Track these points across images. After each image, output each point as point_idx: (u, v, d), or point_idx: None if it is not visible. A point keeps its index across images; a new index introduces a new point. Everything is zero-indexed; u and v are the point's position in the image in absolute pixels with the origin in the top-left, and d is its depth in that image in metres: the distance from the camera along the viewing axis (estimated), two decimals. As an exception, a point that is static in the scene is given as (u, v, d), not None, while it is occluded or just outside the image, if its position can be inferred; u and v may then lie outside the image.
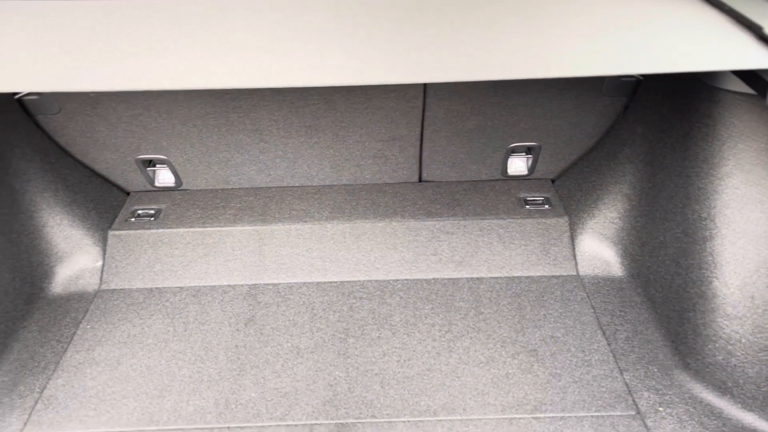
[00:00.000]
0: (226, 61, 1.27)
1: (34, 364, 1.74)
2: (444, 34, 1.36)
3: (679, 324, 1.68)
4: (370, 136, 2.08)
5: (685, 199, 1.68)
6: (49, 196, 1.99)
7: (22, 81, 1.26)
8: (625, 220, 1.98)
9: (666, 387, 1.62)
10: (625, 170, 1.98)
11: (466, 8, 1.51)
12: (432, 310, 1.89)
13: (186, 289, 2.00)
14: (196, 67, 1.26)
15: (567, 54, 1.29)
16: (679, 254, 1.70)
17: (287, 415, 1.58)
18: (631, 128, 1.98)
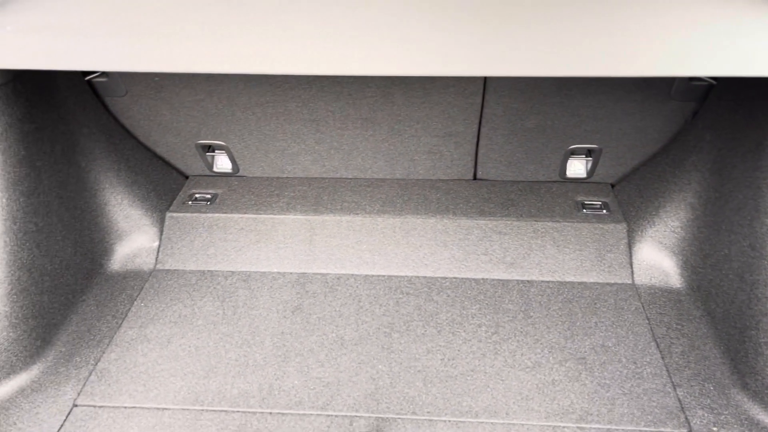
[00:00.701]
0: (287, 48, 1.27)
1: (90, 337, 1.81)
2: (508, 27, 1.33)
3: (740, 342, 1.60)
4: (426, 131, 2.06)
5: (754, 212, 1.59)
6: (112, 176, 2.06)
7: (91, 60, 1.30)
8: (688, 230, 1.90)
9: (722, 406, 1.55)
10: (690, 178, 1.90)
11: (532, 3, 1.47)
12: (479, 311, 1.86)
13: (237, 273, 2.03)
14: (256, 52, 1.27)
15: (636, 53, 1.24)
16: (744, 269, 1.62)
17: (328, 405, 1.59)
18: (700, 135, 1.89)
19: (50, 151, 1.80)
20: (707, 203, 1.83)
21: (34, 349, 1.70)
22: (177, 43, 1.30)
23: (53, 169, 1.81)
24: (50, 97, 1.81)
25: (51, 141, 1.81)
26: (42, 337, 1.73)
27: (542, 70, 1.20)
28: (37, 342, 1.71)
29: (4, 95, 1.61)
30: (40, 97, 1.77)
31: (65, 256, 1.85)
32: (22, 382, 1.66)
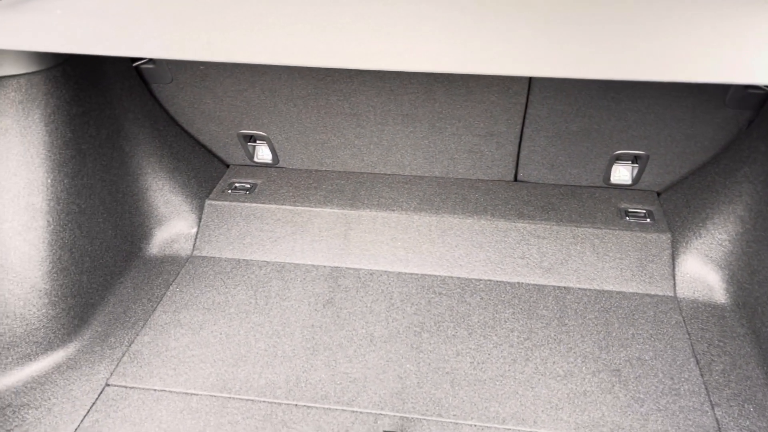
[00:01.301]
0: (329, 42, 1.26)
1: (125, 318, 1.84)
2: (555, 27, 1.29)
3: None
4: (467, 130, 2.03)
5: None
6: (155, 161, 2.09)
7: (138, 47, 1.31)
8: (736, 244, 1.82)
9: (761, 429, 1.48)
10: (741, 190, 1.82)
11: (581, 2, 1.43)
12: (513, 315, 1.82)
13: (271, 264, 2.04)
14: (298, 45, 1.26)
15: (690, 58, 1.18)
16: None
17: (354, 402, 1.58)
18: (754, 145, 1.81)
19: (96, 135, 1.84)
20: (758, 217, 1.75)
21: (72, 327, 1.74)
22: (221, 33, 1.30)
23: (98, 153, 1.85)
24: (98, 81, 1.85)
25: (97, 125, 1.84)
26: (80, 315, 1.77)
27: (590, 72, 1.15)
28: (74, 320, 1.75)
29: (53, 78, 1.65)
30: (88, 81, 1.80)
31: (106, 238, 1.89)
32: (59, 358, 1.70)
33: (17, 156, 1.61)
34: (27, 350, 1.67)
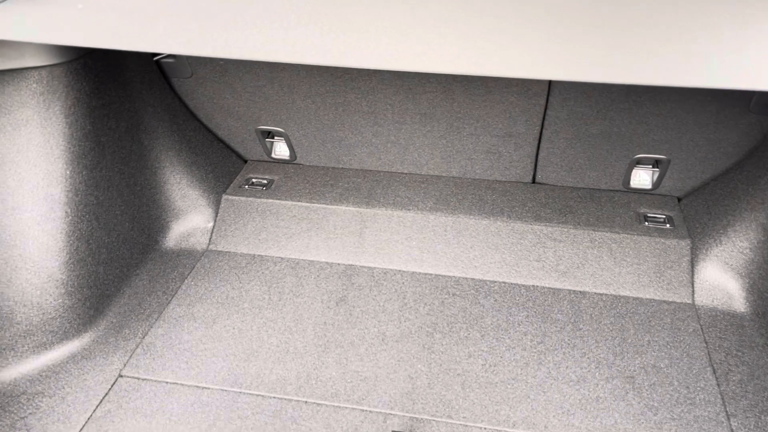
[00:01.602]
0: (346, 41, 1.26)
1: (140, 311, 1.86)
2: (575, 30, 1.27)
3: None
4: (485, 130, 2.01)
5: None
6: (173, 155, 2.10)
7: (159, 43, 1.32)
8: (757, 252, 1.79)
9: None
10: (764, 197, 1.79)
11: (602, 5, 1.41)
12: (526, 318, 1.81)
13: (286, 260, 2.04)
14: (315, 43, 1.26)
15: (713, 62, 1.16)
16: None
17: (364, 400, 1.58)
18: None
19: (115, 127, 1.85)
20: None
21: (87, 318, 1.76)
22: (239, 30, 1.30)
23: (117, 145, 1.87)
24: (119, 74, 1.86)
25: (116, 117, 1.86)
26: (95, 306, 1.79)
27: (609, 76, 1.13)
28: (90, 311, 1.77)
29: (74, 71, 1.66)
30: (109, 75, 1.82)
31: (123, 230, 1.91)
32: (74, 348, 1.72)
33: (37, 147, 1.63)
34: (43, 339, 1.69)
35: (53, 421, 1.54)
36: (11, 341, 1.65)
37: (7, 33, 1.26)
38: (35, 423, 1.53)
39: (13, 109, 1.59)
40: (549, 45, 1.21)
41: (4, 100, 1.58)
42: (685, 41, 1.22)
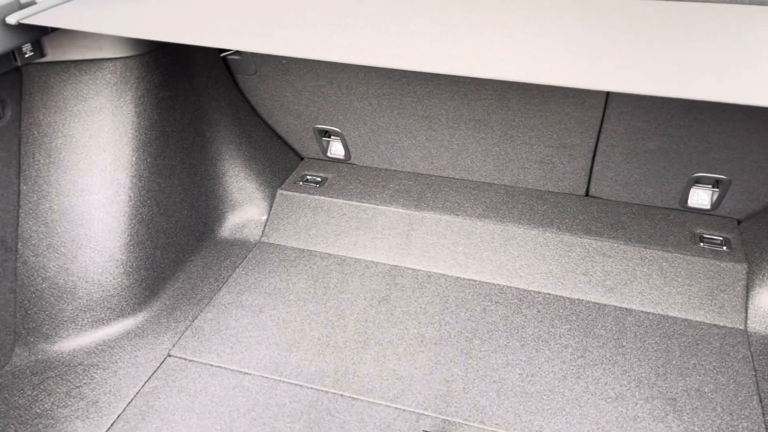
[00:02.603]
0: (406, 45, 1.29)
1: (192, 295, 1.94)
2: (641, 42, 1.27)
3: None
4: (539, 140, 2.00)
5: None
6: (233, 148, 2.18)
7: (225, 39, 1.38)
8: (818, 282, 1.72)
9: (826, 481, 1.39)
10: (828, 224, 1.72)
11: (668, 18, 1.39)
12: (568, 331, 1.79)
13: (333, 256, 2.09)
14: (375, 46, 1.29)
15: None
16: None
17: (398, 399, 1.60)
18: None
19: (180, 119, 1.94)
20: None
21: (142, 298, 1.85)
22: (300, 29, 1.36)
23: (180, 136, 1.96)
24: (186, 69, 1.96)
25: (182, 109, 1.95)
26: (150, 288, 1.88)
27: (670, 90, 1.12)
28: (145, 292, 1.86)
29: (145, 63, 1.76)
30: (177, 68, 1.91)
31: (181, 217, 2.00)
32: (128, 325, 1.81)
33: (107, 133, 1.73)
34: (101, 315, 1.79)
35: (105, 392, 1.63)
36: (72, 314, 1.76)
37: (90, 26, 1.35)
38: (88, 392, 1.62)
39: (88, 97, 1.69)
40: (609, 56, 1.21)
41: (80, 88, 1.69)
42: (749, 59, 1.19)
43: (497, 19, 1.41)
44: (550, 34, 1.32)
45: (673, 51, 1.22)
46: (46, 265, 1.73)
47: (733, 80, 1.13)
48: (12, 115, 1.62)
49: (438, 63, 1.23)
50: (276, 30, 1.37)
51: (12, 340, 1.71)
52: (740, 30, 1.34)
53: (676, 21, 1.38)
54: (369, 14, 1.45)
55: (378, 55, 1.26)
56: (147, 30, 1.38)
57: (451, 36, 1.33)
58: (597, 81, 1.15)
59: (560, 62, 1.19)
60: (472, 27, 1.37)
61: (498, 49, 1.26)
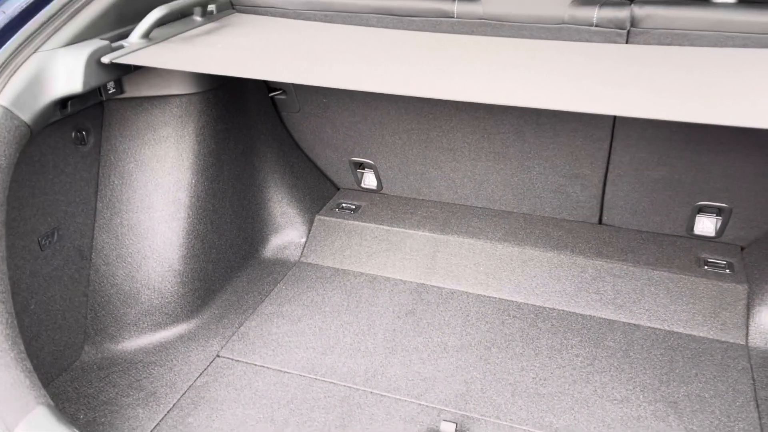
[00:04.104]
0: (429, 79, 1.52)
1: (238, 306, 2.16)
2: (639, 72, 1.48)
3: None
4: (553, 170, 2.21)
5: None
6: (278, 177, 2.44)
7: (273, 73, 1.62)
8: (812, 299, 1.86)
9: (815, 476, 1.51)
10: (819, 246, 1.87)
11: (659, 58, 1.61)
12: (579, 343, 1.95)
13: (365, 275, 2.30)
14: (403, 79, 1.53)
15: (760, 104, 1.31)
16: None
17: (422, 396, 1.77)
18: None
19: (233, 149, 2.21)
20: None
21: (195, 306, 2.08)
22: (340, 66, 1.61)
23: (233, 164, 2.22)
24: (240, 106, 2.23)
25: (235, 141, 2.22)
26: (202, 297, 2.11)
27: (666, 113, 1.30)
28: (198, 300, 2.09)
29: (206, 100, 2.03)
30: (232, 105, 2.18)
31: (230, 236, 2.24)
32: (182, 330, 2.04)
33: (172, 159, 2.00)
34: (159, 319, 2.01)
35: (162, 385, 1.84)
36: (135, 318, 1.99)
37: (165, 64, 1.62)
38: (147, 385, 1.84)
39: (157, 127, 1.97)
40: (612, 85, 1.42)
41: (151, 120, 1.97)
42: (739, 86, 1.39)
43: (507, 59, 1.64)
44: (555, 71, 1.54)
45: (663, 83, 1.43)
46: (115, 273, 1.97)
47: (722, 107, 1.32)
48: (94, 142, 1.90)
49: (457, 92, 1.45)
50: (315, 66, 1.62)
51: (82, 339, 1.95)
52: (729, 67, 1.54)
53: (663, 60, 1.60)
54: (398, 56, 1.70)
55: (406, 86, 1.49)
56: (210, 67, 1.64)
57: (469, 71, 1.56)
58: (600, 107, 1.35)
59: (567, 92, 1.41)
60: (489, 65, 1.60)
61: (512, 81, 1.48)
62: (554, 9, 1.78)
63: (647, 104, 1.33)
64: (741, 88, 1.40)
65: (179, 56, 1.66)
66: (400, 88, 1.48)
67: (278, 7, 2.09)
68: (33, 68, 1.51)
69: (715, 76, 1.48)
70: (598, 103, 1.36)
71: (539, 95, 1.40)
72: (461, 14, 1.88)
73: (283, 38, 1.87)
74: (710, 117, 1.26)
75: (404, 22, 1.95)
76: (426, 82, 1.50)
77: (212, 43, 1.79)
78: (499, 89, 1.45)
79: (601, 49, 1.70)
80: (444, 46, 1.78)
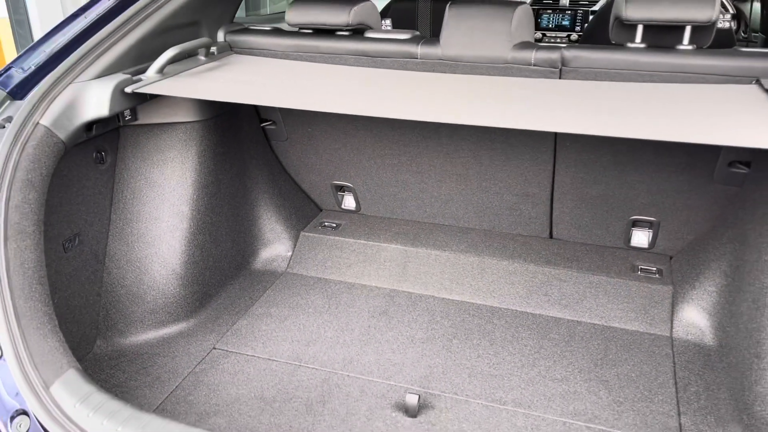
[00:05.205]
0: (400, 104, 1.86)
1: (231, 308, 2.44)
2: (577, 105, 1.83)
3: (740, 381, 1.87)
4: (507, 190, 2.55)
5: (760, 274, 1.90)
6: (267, 197, 2.75)
7: (269, 99, 1.94)
8: (722, 295, 2.19)
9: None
10: (725, 250, 2.21)
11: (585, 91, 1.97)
12: (528, 335, 2.26)
13: (344, 282, 2.60)
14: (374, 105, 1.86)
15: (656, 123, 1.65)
16: (749, 321, 1.90)
17: (391, 378, 2.06)
18: (736, 213, 2.21)
19: (229, 170, 2.53)
20: (736, 272, 2.13)
21: (194, 307, 2.36)
22: (322, 94, 1.94)
23: (229, 183, 2.53)
24: (236, 133, 2.56)
25: (231, 163, 2.54)
26: (200, 299, 2.39)
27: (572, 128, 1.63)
28: (196, 302, 2.37)
29: (207, 127, 2.36)
30: (229, 133, 2.51)
31: (225, 247, 2.54)
32: (182, 327, 2.31)
33: (177, 177, 2.31)
34: (162, 317, 2.29)
35: (165, 372, 2.11)
36: (141, 316, 2.27)
37: (176, 92, 1.95)
38: (153, 371, 2.11)
39: (165, 149, 2.28)
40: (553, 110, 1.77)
41: (160, 143, 2.29)
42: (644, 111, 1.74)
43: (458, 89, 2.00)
44: (502, 99, 1.89)
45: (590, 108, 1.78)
46: (125, 276, 2.26)
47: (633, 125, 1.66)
48: (111, 161, 2.21)
49: (421, 114, 1.78)
50: (303, 95, 1.96)
51: (95, 333, 2.22)
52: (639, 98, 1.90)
53: (588, 92, 1.96)
54: (371, 87, 2.05)
55: (378, 110, 1.81)
56: (213, 95, 1.97)
57: (431, 99, 1.91)
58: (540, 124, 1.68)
59: (512, 114, 1.75)
60: (447, 95, 1.95)
61: (467, 107, 1.82)
62: (500, 51, 2.15)
63: (576, 124, 1.68)
64: (648, 112, 1.76)
65: (187, 87, 1.99)
66: (374, 111, 1.81)
67: (269, 49, 2.45)
68: (70, 95, 1.84)
69: (630, 104, 1.84)
70: (538, 122, 1.70)
71: (489, 117, 1.75)
72: (424, 56, 2.25)
73: (273, 73, 2.22)
74: (625, 132, 1.60)
75: (377, 61, 2.31)
76: (396, 107, 1.85)
77: (214, 77, 2.13)
78: (456, 113, 1.79)
79: (539, 83, 2.07)
80: (410, 80, 2.13)
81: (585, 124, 1.67)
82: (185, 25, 2.25)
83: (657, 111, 1.76)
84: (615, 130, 1.62)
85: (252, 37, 2.47)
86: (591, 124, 1.67)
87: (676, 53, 2.03)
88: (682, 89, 1.95)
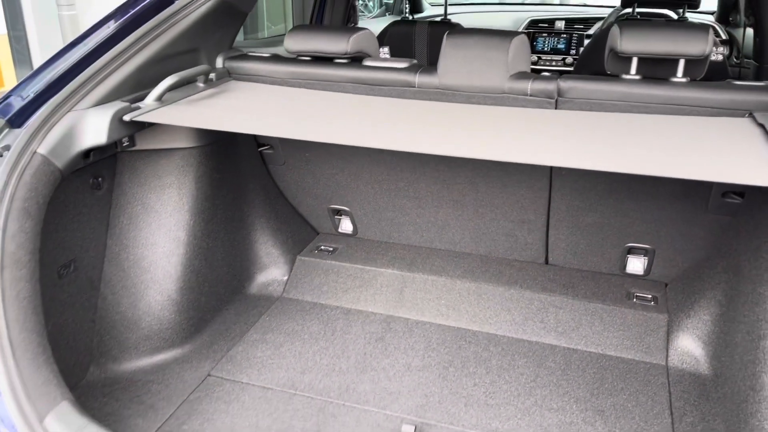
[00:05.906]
0: (397, 135, 1.87)
1: (226, 334, 2.44)
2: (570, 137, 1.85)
3: (736, 414, 1.87)
4: (503, 216, 2.56)
5: (754, 306, 1.90)
6: (264, 221, 2.75)
7: (265, 128, 1.95)
8: (717, 324, 2.19)
9: (713, 467, 1.81)
10: (720, 279, 2.22)
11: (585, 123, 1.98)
12: (525, 363, 2.26)
13: (340, 308, 2.59)
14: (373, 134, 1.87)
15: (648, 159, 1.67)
16: (744, 353, 1.91)
17: (387, 407, 2.05)
18: (730, 243, 2.22)
19: (226, 195, 2.53)
20: (731, 302, 2.13)
21: (188, 333, 2.35)
22: (320, 124, 1.95)
23: (226, 208, 2.54)
24: (233, 159, 2.57)
25: (228, 188, 2.54)
26: (195, 325, 2.38)
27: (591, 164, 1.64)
28: (191, 328, 2.37)
29: (204, 153, 2.37)
30: (227, 158, 2.52)
31: (221, 273, 2.53)
32: (177, 353, 2.30)
33: (174, 202, 2.31)
34: (157, 343, 2.28)
35: (159, 399, 2.09)
36: (136, 342, 2.26)
37: (173, 121, 1.95)
38: (146, 399, 2.09)
39: (163, 175, 2.29)
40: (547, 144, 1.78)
41: (157, 169, 2.29)
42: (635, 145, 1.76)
43: (463, 121, 2.01)
44: (498, 130, 1.91)
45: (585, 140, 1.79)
46: (120, 302, 2.25)
47: (628, 158, 1.67)
48: (107, 187, 2.21)
49: (419, 146, 1.79)
50: (301, 124, 1.97)
51: (88, 360, 2.20)
52: (634, 129, 1.91)
53: (584, 123, 1.97)
54: (370, 116, 2.06)
55: (377, 140, 1.83)
56: (211, 123, 1.98)
57: (428, 129, 1.92)
58: (536, 158, 1.69)
59: (508, 146, 1.76)
60: (444, 125, 1.97)
61: (463, 137, 1.83)
62: (496, 82, 2.17)
63: (572, 157, 1.69)
64: (643, 146, 1.77)
65: (186, 115, 2.00)
66: (372, 141, 1.82)
67: (268, 76, 2.46)
68: (68, 124, 1.84)
69: (624, 137, 1.85)
70: (534, 156, 1.71)
71: (486, 148, 1.76)
72: (421, 84, 2.26)
73: (271, 100, 2.23)
74: (619, 167, 1.61)
75: (375, 89, 2.33)
76: (393, 137, 1.86)
77: (213, 104, 2.14)
78: (453, 143, 1.80)
79: (535, 114, 2.08)
80: (408, 109, 2.15)
81: (581, 158, 1.68)
82: (184, 52, 2.27)
83: (651, 144, 1.77)
84: (610, 164, 1.64)
85: (251, 64, 2.49)
86: (587, 158, 1.68)
87: (671, 85, 2.05)
88: (675, 121, 1.97)
